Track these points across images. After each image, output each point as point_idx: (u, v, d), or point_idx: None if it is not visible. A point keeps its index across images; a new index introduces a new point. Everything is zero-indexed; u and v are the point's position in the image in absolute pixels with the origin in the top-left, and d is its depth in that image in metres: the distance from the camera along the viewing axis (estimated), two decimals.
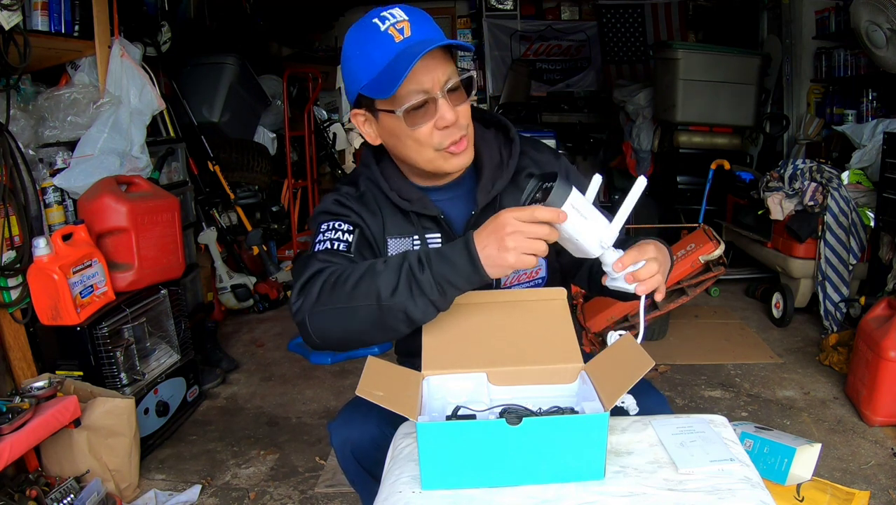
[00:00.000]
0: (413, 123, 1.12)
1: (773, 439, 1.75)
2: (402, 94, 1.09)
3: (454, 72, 1.13)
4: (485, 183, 1.24)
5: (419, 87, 1.09)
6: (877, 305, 2.51)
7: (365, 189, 1.27)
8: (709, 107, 4.58)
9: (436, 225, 1.25)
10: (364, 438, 1.21)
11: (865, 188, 3.31)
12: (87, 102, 2.41)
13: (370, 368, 0.97)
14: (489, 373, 1.06)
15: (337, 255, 1.17)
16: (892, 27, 3.18)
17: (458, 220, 1.26)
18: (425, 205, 1.23)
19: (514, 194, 1.26)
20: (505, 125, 1.31)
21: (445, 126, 1.12)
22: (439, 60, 1.11)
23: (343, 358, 3.14)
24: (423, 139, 1.13)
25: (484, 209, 1.23)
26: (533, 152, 1.31)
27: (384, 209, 1.26)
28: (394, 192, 1.23)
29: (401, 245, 1.25)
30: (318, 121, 5.12)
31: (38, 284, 2.05)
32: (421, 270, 1.02)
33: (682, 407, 2.60)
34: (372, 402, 1.27)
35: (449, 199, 1.26)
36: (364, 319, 1.06)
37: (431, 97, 1.10)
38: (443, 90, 1.11)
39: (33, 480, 1.86)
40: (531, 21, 6.91)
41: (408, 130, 1.13)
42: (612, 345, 1.04)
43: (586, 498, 0.86)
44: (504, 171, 1.25)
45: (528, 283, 1.30)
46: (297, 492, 2.12)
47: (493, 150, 1.28)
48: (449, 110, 1.11)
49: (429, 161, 1.17)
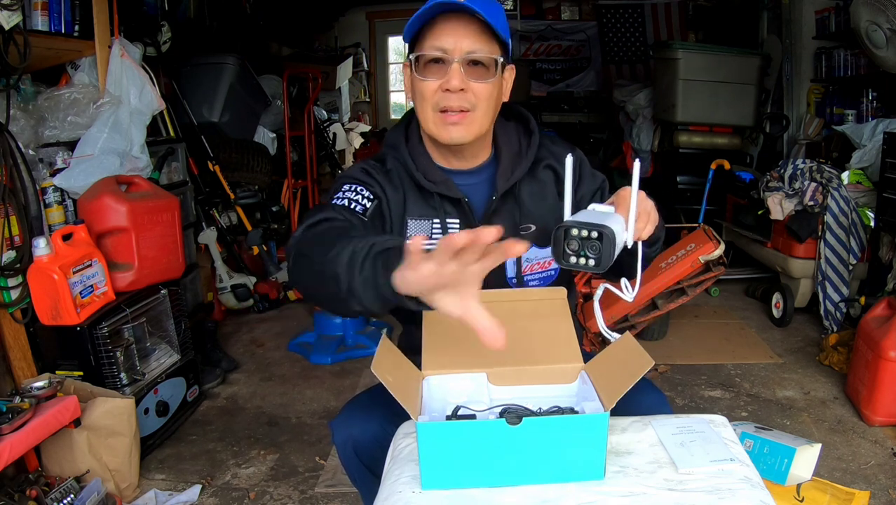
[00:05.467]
0: (423, 75, 1.16)
1: (773, 439, 1.75)
2: (425, 46, 1.15)
3: (486, 49, 1.15)
4: (504, 169, 1.27)
5: (440, 44, 1.13)
6: (877, 305, 2.52)
7: (392, 167, 1.29)
8: (709, 107, 4.58)
9: (457, 209, 1.27)
10: (366, 436, 1.22)
11: (865, 188, 3.31)
12: (87, 102, 2.41)
13: (383, 348, 0.97)
14: (489, 373, 1.06)
15: (353, 214, 1.19)
16: (892, 27, 3.18)
17: (479, 206, 1.29)
18: (449, 187, 1.25)
19: (531, 184, 1.30)
20: (525, 117, 1.34)
21: (447, 90, 1.14)
22: (473, 31, 1.13)
23: (343, 358, 3.14)
24: (426, 94, 1.17)
25: (503, 196, 1.27)
26: (550, 144, 1.34)
27: (408, 190, 1.27)
28: (419, 173, 1.25)
29: (420, 227, 1.27)
30: (318, 121, 5.13)
31: (38, 283, 2.05)
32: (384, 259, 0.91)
33: (682, 407, 2.60)
34: (373, 400, 1.27)
35: (472, 185, 1.29)
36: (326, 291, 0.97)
37: (447, 58, 1.14)
38: (462, 57, 1.13)
39: (33, 480, 1.86)
40: (531, 21, 6.91)
41: (417, 80, 1.17)
42: (612, 344, 1.04)
43: (586, 498, 0.86)
44: (523, 160, 1.28)
45: (540, 273, 1.32)
46: (297, 492, 2.12)
47: (512, 139, 1.30)
48: (458, 77, 1.14)
49: (428, 120, 1.19)
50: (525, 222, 1.30)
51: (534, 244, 1.30)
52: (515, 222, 1.29)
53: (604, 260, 0.95)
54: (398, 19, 7.37)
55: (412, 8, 1.20)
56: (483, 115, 1.19)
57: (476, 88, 1.16)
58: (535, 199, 1.30)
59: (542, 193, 1.31)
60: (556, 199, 1.31)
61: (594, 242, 0.95)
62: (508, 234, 1.27)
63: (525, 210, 1.29)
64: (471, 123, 1.18)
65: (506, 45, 1.19)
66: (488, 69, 1.16)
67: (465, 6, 1.10)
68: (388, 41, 7.96)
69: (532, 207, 1.30)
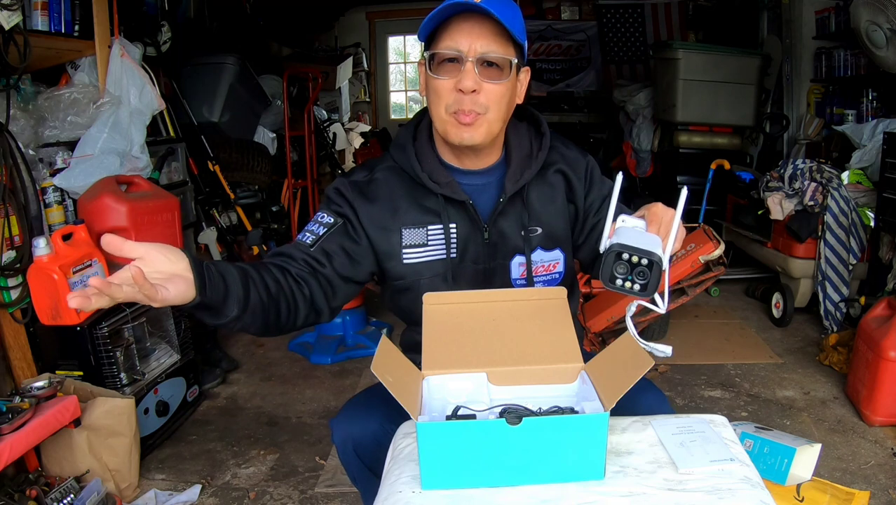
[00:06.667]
0: (438, 73, 1.16)
1: (773, 439, 1.75)
2: (441, 45, 1.15)
3: (501, 50, 1.15)
4: (513, 171, 1.26)
5: (454, 44, 1.13)
6: (877, 305, 2.51)
7: (380, 176, 1.28)
8: (709, 107, 4.58)
9: (462, 211, 1.26)
10: (366, 435, 1.22)
11: (865, 188, 3.31)
12: (87, 102, 2.40)
13: (383, 348, 0.97)
14: (489, 373, 1.06)
15: (298, 246, 1.23)
16: (892, 27, 3.18)
17: (484, 208, 1.28)
18: (454, 189, 1.24)
19: (540, 187, 1.29)
20: (538, 119, 1.33)
21: (461, 91, 1.14)
22: (488, 32, 1.13)
23: (343, 358, 3.14)
24: (440, 93, 1.17)
25: (511, 198, 1.26)
26: (562, 148, 1.33)
27: (400, 199, 1.27)
28: (425, 174, 1.25)
29: (415, 236, 1.26)
30: (318, 121, 5.12)
31: (38, 283, 2.04)
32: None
33: (682, 407, 2.60)
34: (373, 398, 1.27)
35: (478, 186, 1.28)
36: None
37: (462, 58, 1.14)
38: (476, 58, 1.13)
39: (33, 479, 1.86)
40: (531, 21, 6.89)
41: (431, 78, 1.17)
42: (612, 344, 1.04)
43: (586, 498, 0.86)
44: (533, 162, 1.27)
45: (545, 275, 1.31)
46: (297, 492, 2.12)
47: (523, 140, 1.30)
48: (471, 78, 1.14)
49: (440, 120, 1.19)
50: (532, 225, 1.29)
51: (539, 247, 1.30)
52: (522, 224, 1.28)
53: (650, 287, 0.95)
54: (398, 19, 7.36)
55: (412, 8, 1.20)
56: (495, 118, 1.19)
57: (489, 89, 1.15)
58: (544, 201, 1.30)
59: (550, 196, 1.30)
60: (565, 202, 1.31)
61: (643, 269, 0.95)
62: (515, 235, 1.27)
63: (533, 212, 1.29)
64: (482, 126, 1.18)
65: (521, 47, 1.19)
66: (502, 70, 1.16)
67: (480, 7, 1.09)
68: (388, 41, 7.94)
69: (540, 210, 1.29)
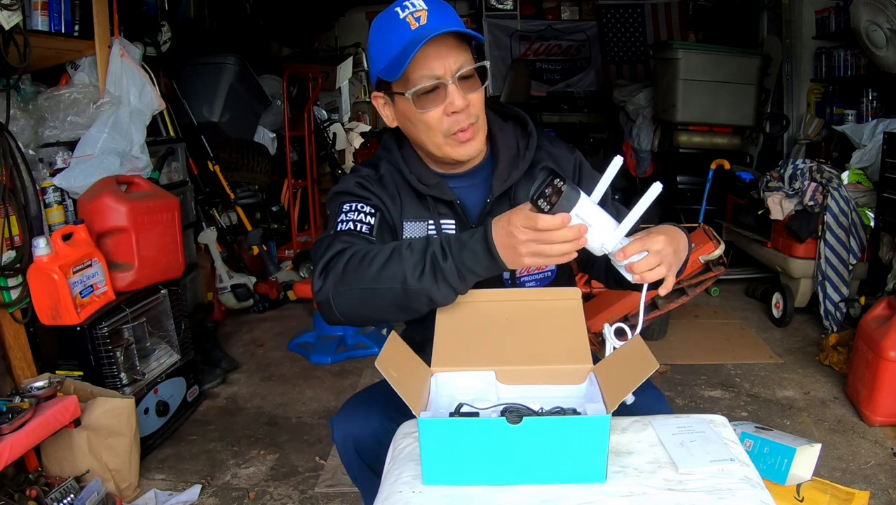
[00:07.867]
0: (423, 107, 1.15)
1: (773, 439, 1.75)
2: (415, 79, 1.13)
3: (468, 60, 1.16)
4: (501, 172, 1.27)
5: (430, 72, 1.13)
6: (877, 305, 2.51)
7: (385, 172, 1.30)
8: (709, 107, 4.58)
9: (451, 211, 1.28)
10: (366, 433, 1.22)
11: (865, 188, 3.31)
12: (87, 102, 2.41)
13: (391, 344, 0.98)
14: (498, 371, 1.06)
15: (359, 236, 1.21)
16: (892, 27, 3.18)
17: (473, 208, 1.29)
18: (442, 190, 1.26)
19: (528, 186, 1.28)
20: (523, 119, 1.34)
21: (454, 112, 1.15)
22: (452, 48, 1.14)
23: (343, 358, 3.14)
24: (432, 123, 1.17)
25: (499, 198, 1.27)
26: (549, 146, 1.33)
27: (402, 193, 1.28)
28: (413, 176, 1.26)
29: (416, 229, 1.28)
30: (318, 121, 5.12)
31: (38, 283, 2.05)
32: (444, 259, 1.06)
33: (682, 407, 2.60)
34: (374, 396, 1.27)
35: (466, 187, 1.29)
36: (388, 300, 1.10)
37: (442, 83, 1.14)
38: (454, 77, 1.14)
39: (33, 479, 1.86)
40: (531, 21, 6.90)
41: (418, 114, 1.16)
42: (623, 346, 1.04)
43: (586, 498, 0.86)
44: (520, 162, 1.28)
45: (537, 274, 1.31)
46: (297, 492, 2.12)
47: (510, 141, 1.30)
48: (459, 97, 1.15)
49: (438, 146, 1.20)
50: None
51: None
52: None
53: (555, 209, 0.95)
54: None
55: None
56: (483, 121, 1.23)
57: (474, 99, 1.18)
58: None
59: None
60: None
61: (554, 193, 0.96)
62: None
63: None
64: (478, 133, 1.21)
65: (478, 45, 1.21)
66: (476, 78, 1.19)
67: (439, 29, 1.10)
68: None
69: None
